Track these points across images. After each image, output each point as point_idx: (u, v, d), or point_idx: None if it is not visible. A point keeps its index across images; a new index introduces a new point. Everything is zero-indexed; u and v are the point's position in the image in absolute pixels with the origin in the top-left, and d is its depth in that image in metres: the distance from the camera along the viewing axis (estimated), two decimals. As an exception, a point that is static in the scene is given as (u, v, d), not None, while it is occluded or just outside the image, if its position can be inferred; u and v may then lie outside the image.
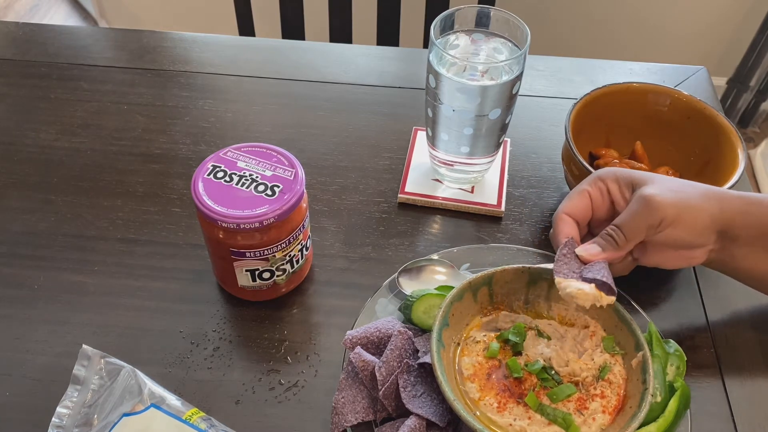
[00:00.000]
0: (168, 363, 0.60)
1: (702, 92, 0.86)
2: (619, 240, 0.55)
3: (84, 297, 0.65)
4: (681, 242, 0.55)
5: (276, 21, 1.25)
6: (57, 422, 0.54)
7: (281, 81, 0.88)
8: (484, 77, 0.64)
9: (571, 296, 0.53)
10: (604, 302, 0.53)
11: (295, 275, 0.64)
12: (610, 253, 0.55)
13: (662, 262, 0.58)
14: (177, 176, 0.76)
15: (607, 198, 0.58)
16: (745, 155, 0.65)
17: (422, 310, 0.58)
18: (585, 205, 0.58)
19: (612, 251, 0.55)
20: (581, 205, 0.58)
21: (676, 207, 0.54)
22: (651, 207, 0.54)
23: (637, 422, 0.49)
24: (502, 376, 0.54)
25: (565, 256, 0.56)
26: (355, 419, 0.53)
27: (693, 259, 0.57)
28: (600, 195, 0.58)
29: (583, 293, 0.53)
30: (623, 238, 0.55)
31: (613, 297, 0.53)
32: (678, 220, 0.54)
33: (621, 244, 0.55)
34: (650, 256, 0.57)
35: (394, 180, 0.76)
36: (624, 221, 0.55)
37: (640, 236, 0.55)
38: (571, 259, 0.56)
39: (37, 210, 0.73)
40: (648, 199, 0.54)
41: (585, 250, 0.56)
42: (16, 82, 0.87)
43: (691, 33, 1.88)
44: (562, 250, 0.56)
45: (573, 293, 0.53)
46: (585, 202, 0.58)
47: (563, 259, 0.56)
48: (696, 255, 0.57)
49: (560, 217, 0.58)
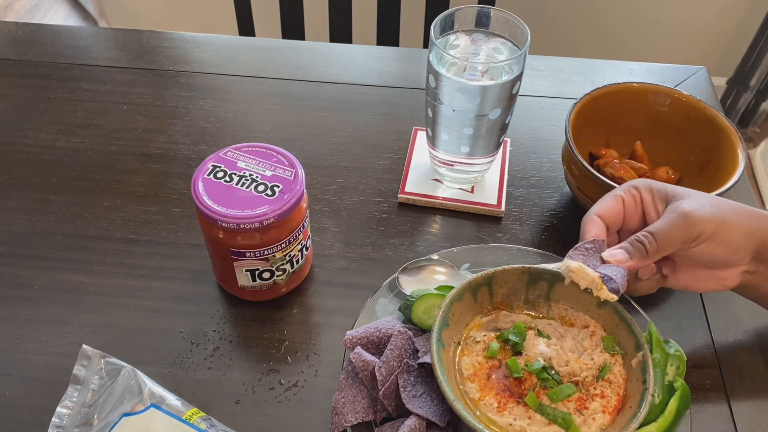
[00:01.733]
0: (168, 363, 0.60)
1: (702, 92, 0.86)
2: (650, 248, 0.52)
3: (84, 297, 0.65)
4: (716, 259, 0.53)
5: (276, 21, 1.25)
6: (57, 422, 0.54)
7: (281, 81, 0.88)
8: (484, 77, 0.64)
9: (569, 269, 0.52)
10: (602, 294, 0.52)
11: (295, 275, 0.64)
12: (636, 260, 0.53)
13: (692, 283, 0.56)
14: (177, 176, 0.76)
15: (640, 207, 0.56)
16: (745, 155, 0.65)
17: (422, 310, 0.58)
18: (617, 210, 0.56)
19: (639, 259, 0.53)
20: (614, 209, 0.56)
21: (715, 222, 0.52)
22: (690, 221, 0.52)
23: (637, 422, 0.49)
24: (502, 376, 0.53)
25: (587, 250, 0.54)
26: (355, 419, 0.53)
27: (725, 281, 0.55)
28: (633, 202, 0.56)
29: (582, 271, 0.52)
30: (655, 247, 0.52)
31: (614, 296, 0.53)
32: (715, 236, 0.52)
33: (651, 252, 0.52)
34: (680, 276, 0.56)
35: (394, 180, 0.76)
36: (659, 229, 0.53)
37: (672, 247, 0.53)
38: (591, 254, 0.54)
39: (37, 210, 0.73)
40: (687, 213, 0.52)
41: (610, 255, 0.53)
42: (16, 82, 0.87)
43: (691, 33, 1.88)
44: (585, 243, 0.54)
45: (572, 266, 0.52)
46: (618, 206, 0.56)
47: (582, 250, 0.53)
48: (729, 276, 0.55)
49: (590, 218, 0.55)
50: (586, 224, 0.56)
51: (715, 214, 0.52)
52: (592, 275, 0.52)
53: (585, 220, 0.56)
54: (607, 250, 0.54)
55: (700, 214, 0.52)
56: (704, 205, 0.53)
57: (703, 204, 0.53)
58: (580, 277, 0.52)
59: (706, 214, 0.52)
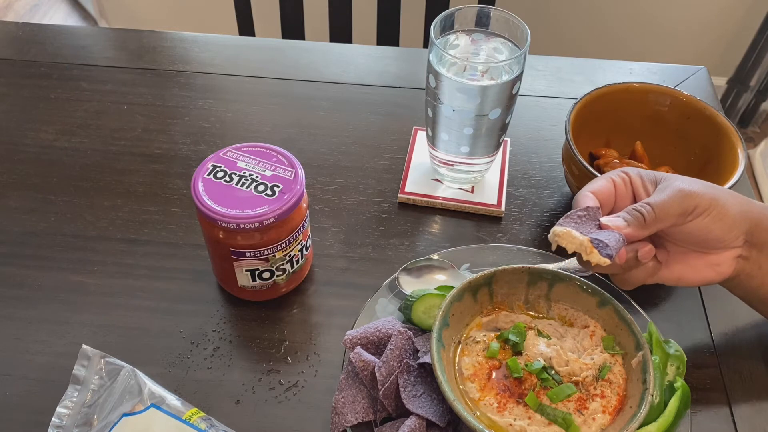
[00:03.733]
0: (168, 363, 0.60)
1: (702, 92, 0.86)
2: (648, 216, 0.53)
3: (84, 297, 0.65)
4: (711, 236, 0.54)
5: (276, 21, 1.25)
6: (57, 422, 0.54)
7: (281, 81, 0.88)
8: (484, 77, 0.64)
9: (555, 234, 0.51)
10: (593, 258, 0.50)
11: (295, 275, 0.64)
12: (634, 228, 0.53)
13: (686, 273, 0.56)
14: (177, 176, 0.76)
15: (630, 189, 0.56)
16: (745, 155, 0.65)
17: (422, 310, 0.58)
18: (609, 189, 0.56)
19: (636, 227, 0.53)
20: (605, 188, 0.56)
21: (709, 197, 0.53)
22: (685, 193, 0.53)
23: (637, 422, 0.49)
24: (502, 376, 0.53)
25: (580, 218, 0.53)
26: (355, 419, 0.53)
27: (719, 267, 0.55)
28: (623, 185, 0.56)
29: (569, 235, 0.50)
30: (653, 216, 0.52)
31: (606, 260, 0.50)
32: (710, 209, 0.53)
33: (648, 222, 0.53)
34: (674, 267, 0.56)
35: (394, 180, 0.76)
36: (656, 199, 0.53)
37: (669, 219, 0.53)
38: (585, 221, 0.53)
39: (37, 210, 0.73)
40: (682, 188, 0.53)
41: (608, 220, 0.53)
42: (16, 82, 0.87)
43: (692, 33, 1.88)
44: (578, 211, 0.53)
45: (557, 231, 0.51)
46: (609, 186, 0.56)
47: (575, 218, 0.53)
48: (723, 261, 0.55)
49: (584, 194, 0.55)
50: (579, 199, 0.55)
51: (708, 191, 0.53)
52: (580, 239, 0.51)
53: (578, 195, 0.56)
54: (604, 217, 0.54)
55: (695, 189, 0.53)
56: (695, 183, 0.54)
57: (693, 182, 0.54)
58: (568, 241, 0.51)
59: (699, 190, 0.53)
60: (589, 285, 0.57)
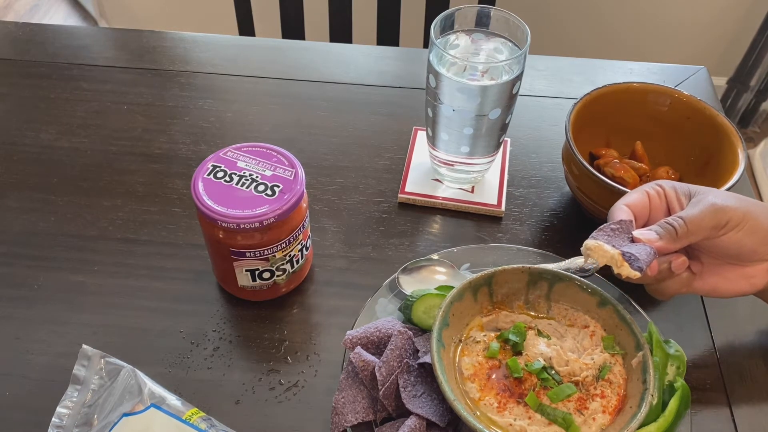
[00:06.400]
0: (168, 363, 0.60)
1: (702, 92, 0.86)
2: (680, 230, 0.53)
3: (84, 297, 0.65)
4: (744, 249, 0.54)
5: (276, 21, 1.25)
6: (57, 422, 0.54)
7: (281, 81, 0.88)
8: (484, 77, 0.64)
9: (586, 248, 0.52)
10: (624, 271, 0.51)
11: (295, 275, 0.64)
12: (665, 241, 0.53)
13: (720, 284, 0.56)
14: (177, 176, 0.76)
15: (665, 202, 0.57)
16: (745, 155, 0.65)
17: (422, 310, 0.58)
18: (644, 202, 0.56)
19: (668, 240, 0.53)
20: (640, 201, 0.56)
21: (741, 211, 0.53)
22: (717, 207, 0.53)
23: (637, 422, 0.49)
24: (502, 376, 0.53)
25: (613, 231, 0.53)
26: (355, 419, 0.53)
27: (753, 279, 0.56)
28: (658, 197, 0.57)
29: (601, 248, 0.51)
30: (685, 230, 0.53)
31: (636, 273, 0.51)
32: (743, 223, 0.53)
33: (680, 235, 0.53)
34: (708, 278, 0.56)
35: (394, 180, 0.76)
36: (689, 213, 0.53)
37: (701, 233, 0.53)
38: (617, 234, 0.53)
39: (37, 210, 0.73)
40: (714, 202, 0.53)
41: (640, 233, 0.54)
42: (16, 82, 0.87)
43: (691, 32, 1.88)
44: (611, 224, 0.54)
45: (589, 244, 0.52)
46: (644, 199, 0.56)
47: (608, 231, 0.53)
48: (757, 273, 0.55)
49: (619, 207, 0.56)
50: (614, 212, 0.56)
51: (741, 205, 0.54)
52: (611, 252, 0.51)
53: (613, 209, 0.56)
54: (637, 230, 0.54)
55: (728, 203, 0.53)
56: (729, 197, 0.54)
57: (727, 197, 0.54)
58: (599, 255, 0.52)
59: (732, 204, 0.53)
60: (589, 285, 0.57)
